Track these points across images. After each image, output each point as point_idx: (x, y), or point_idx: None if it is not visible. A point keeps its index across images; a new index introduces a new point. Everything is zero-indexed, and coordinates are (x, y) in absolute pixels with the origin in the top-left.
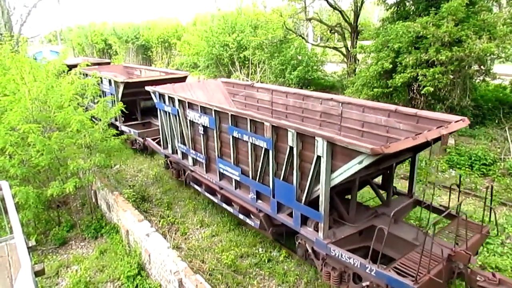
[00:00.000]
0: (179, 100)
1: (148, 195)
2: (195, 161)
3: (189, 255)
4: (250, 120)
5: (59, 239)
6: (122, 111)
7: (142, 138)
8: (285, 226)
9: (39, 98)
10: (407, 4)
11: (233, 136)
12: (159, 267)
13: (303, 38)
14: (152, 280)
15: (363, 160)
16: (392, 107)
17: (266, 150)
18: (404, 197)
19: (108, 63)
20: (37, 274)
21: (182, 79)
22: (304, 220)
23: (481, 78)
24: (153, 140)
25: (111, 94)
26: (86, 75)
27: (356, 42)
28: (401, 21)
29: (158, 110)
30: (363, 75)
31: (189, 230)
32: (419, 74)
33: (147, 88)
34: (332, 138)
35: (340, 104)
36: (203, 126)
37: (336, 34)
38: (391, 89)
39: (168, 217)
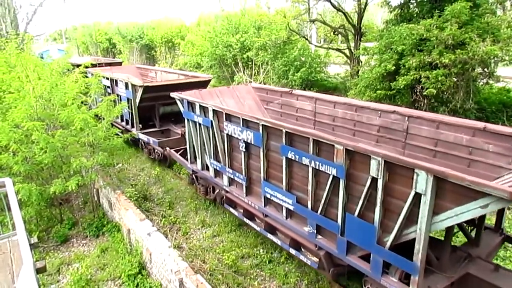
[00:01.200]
0: (214, 111)
1: (150, 194)
2: (231, 181)
3: (190, 255)
4: (314, 140)
5: (61, 237)
6: (139, 117)
7: (162, 148)
8: (350, 266)
9: (43, 96)
10: (411, 6)
11: (287, 158)
12: (160, 267)
13: (306, 39)
14: (153, 279)
15: (489, 204)
16: (480, 124)
17: (335, 179)
18: (491, 232)
19: (120, 64)
20: (39, 271)
21: (205, 83)
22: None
23: (485, 80)
24: (176, 151)
25: (128, 99)
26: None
27: (360, 43)
28: (404, 24)
29: (186, 120)
30: (366, 76)
31: (191, 230)
32: (422, 76)
33: (173, 94)
34: (443, 173)
35: (406, 118)
36: (245, 142)
37: (339, 35)
38: (394, 91)
39: (170, 216)
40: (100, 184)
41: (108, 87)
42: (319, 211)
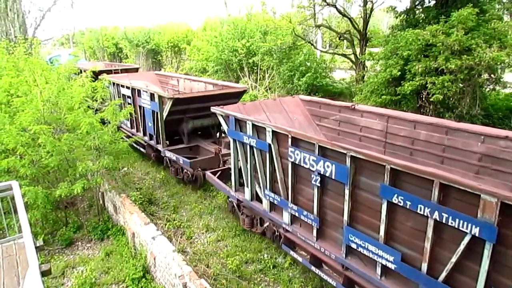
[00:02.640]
0: (273, 132)
1: (155, 198)
2: (294, 219)
3: (194, 259)
4: (441, 184)
5: (66, 240)
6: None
7: (194, 169)
8: None
9: (50, 100)
10: (417, 12)
11: (389, 202)
12: (164, 271)
13: (312, 44)
14: (157, 283)
15: None
16: None
17: (477, 240)
18: None
19: (136, 70)
20: (44, 274)
21: (240, 94)
22: None
23: (491, 87)
24: (213, 173)
25: (153, 112)
26: (118, 85)
27: (365, 49)
28: (410, 29)
29: (232, 141)
30: (371, 82)
31: (195, 234)
32: (428, 82)
33: (214, 109)
34: None
35: None
36: (321, 175)
37: (345, 41)
38: (399, 97)
39: (174, 220)
40: (105, 187)
41: (129, 97)
42: (440, 278)
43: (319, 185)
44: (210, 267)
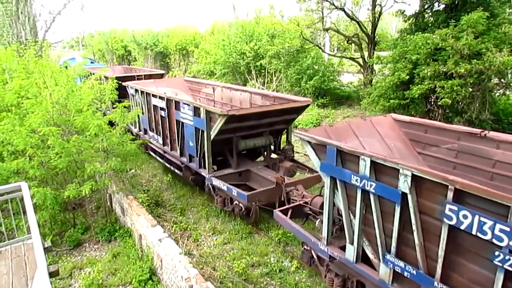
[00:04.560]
0: (414, 177)
1: (162, 200)
2: None
3: (201, 262)
4: None
5: (74, 241)
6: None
7: (251, 202)
8: None
9: (59, 102)
10: (426, 15)
11: None
12: (171, 273)
13: (319, 48)
14: (163, 285)
15: None
16: None
17: None
18: None
19: (162, 76)
20: (52, 275)
21: (303, 109)
22: None
23: (501, 91)
24: (282, 211)
25: (196, 129)
26: (147, 94)
27: (373, 52)
28: (419, 33)
29: (328, 179)
30: (379, 85)
31: (201, 236)
32: (437, 86)
33: (298, 134)
34: None
35: None
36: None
37: (353, 44)
38: (407, 101)
39: (181, 223)
40: (113, 189)
41: (162, 108)
42: None
43: (510, 268)
44: (216, 270)
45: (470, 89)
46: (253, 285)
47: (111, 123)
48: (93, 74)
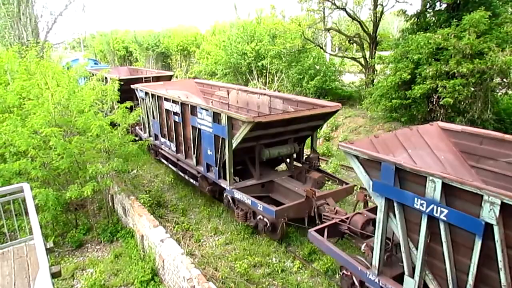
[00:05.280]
0: (504, 205)
1: (164, 201)
2: None
3: (203, 262)
4: None
5: (76, 242)
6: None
7: (279, 218)
8: None
9: (61, 103)
10: (428, 15)
11: None
12: (173, 273)
13: (321, 48)
14: (165, 286)
15: None
16: None
17: None
18: None
19: (170, 78)
20: (54, 275)
21: (331, 114)
22: None
23: (504, 91)
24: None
25: (216, 137)
26: (159, 98)
27: (375, 52)
28: (421, 32)
29: (382, 200)
30: (381, 85)
31: (203, 237)
32: (439, 85)
33: (345, 148)
34: None
35: None
36: None
37: (354, 44)
38: (409, 101)
39: (183, 223)
40: (115, 190)
41: (176, 113)
42: None
43: None
44: (218, 270)
45: (472, 89)
46: (255, 286)
47: (114, 125)
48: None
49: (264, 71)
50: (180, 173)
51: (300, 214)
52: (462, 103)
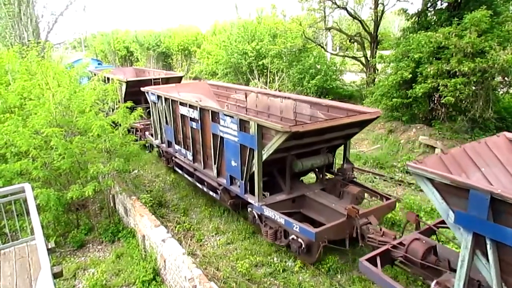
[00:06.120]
0: None
1: (165, 201)
2: None
3: (204, 262)
4: None
5: (77, 242)
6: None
7: (319, 241)
8: None
9: (62, 103)
10: (429, 14)
11: None
12: (174, 273)
13: (322, 47)
14: (167, 286)
15: None
16: None
17: None
18: None
19: (180, 79)
20: (56, 276)
21: (371, 121)
22: None
23: (505, 89)
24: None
25: (242, 147)
26: (173, 102)
27: (376, 51)
28: (422, 31)
29: (469, 236)
30: (382, 84)
31: (205, 237)
32: (440, 84)
33: (415, 169)
34: None
35: None
36: None
37: (355, 43)
38: (410, 100)
39: (184, 223)
40: (116, 190)
41: (193, 119)
42: None
43: None
44: (220, 270)
45: (474, 88)
46: (257, 285)
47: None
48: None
49: (265, 71)
50: (197, 184)
51: (341, 235)
52: (464, 102)
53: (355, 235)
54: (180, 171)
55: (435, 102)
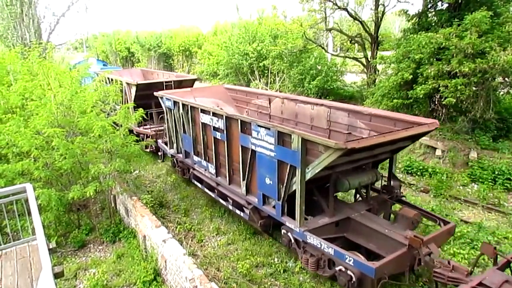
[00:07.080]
0: None
1: (166, 201)
2: None
3: (205, 263)
4: None
5: (78, 242)
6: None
7: (378, 276)
8: None
9: (63, 103)
10: (429, 15)
11: None
12: (175, 274)
13: (322, 48)
14: (168, 286)
15: None
16: None
17: None
18: None
19: (193, 82)
20: (57, 276)
21: (426, 134)
22: None
23: (506, 90)
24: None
25: (280, 162)
26: (191, 108)
27: (377, 52)
28: (423, 32)
29: None
30: (382, 85)
31: (205, 237)
32: (440, 85)
33: None
34: None
35: None
36: None
37: (356, 44)
38: (411, 100)
39: (185, 223)
40: (117, 190)
41: (217, 129)
42: None
43: None
44: (220, 271)
45: (474, 88)
46: (257, 286)
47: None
48: (110, 78)
49: (266, 72)
50: (220, 200)
51: (401, 269)
52: (464, 102)
53: (416, 268)
54: (199, 185)
55: (436, 103)
